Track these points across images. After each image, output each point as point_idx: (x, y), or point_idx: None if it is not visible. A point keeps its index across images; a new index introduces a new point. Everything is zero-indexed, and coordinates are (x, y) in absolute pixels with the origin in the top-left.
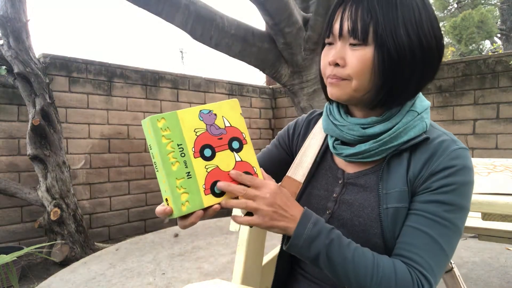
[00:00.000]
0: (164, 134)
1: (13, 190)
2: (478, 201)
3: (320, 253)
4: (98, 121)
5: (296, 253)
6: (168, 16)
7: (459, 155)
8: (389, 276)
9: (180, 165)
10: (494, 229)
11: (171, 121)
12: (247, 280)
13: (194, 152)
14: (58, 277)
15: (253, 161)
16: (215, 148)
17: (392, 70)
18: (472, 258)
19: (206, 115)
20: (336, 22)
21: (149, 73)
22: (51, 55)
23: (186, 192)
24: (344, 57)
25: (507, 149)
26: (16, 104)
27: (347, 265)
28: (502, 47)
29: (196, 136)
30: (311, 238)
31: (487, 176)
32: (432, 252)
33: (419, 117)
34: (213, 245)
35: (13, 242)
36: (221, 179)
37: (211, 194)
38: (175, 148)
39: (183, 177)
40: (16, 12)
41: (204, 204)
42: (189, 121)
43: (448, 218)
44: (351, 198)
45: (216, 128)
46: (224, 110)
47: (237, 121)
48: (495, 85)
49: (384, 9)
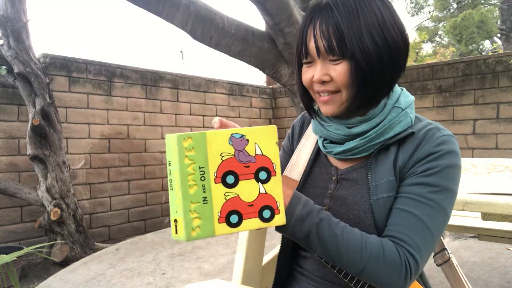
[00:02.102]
0: (188, 155)
1: (13, 190)
2: (478, 201)
3: (310, 232)
4: (98, 121)
5: (288, 233)
6: (168, 16)
7: (444, 141)
8: (378, 252)
9: (198, 188)
10: (494, 229)
11: (197, 142)
12: (247, 280)
13: (216, 177)
14: (58, 277)
15: (278, 195)
16: (239, 175)
17: (364, 78)
18: (472, 258)
19: (238, 139)
20: (310, 42)
21: (149, 73)
22: (51, 55)
23: (199, 218)
24: (328, 73)
25: (507, 149)
26: (16, 104)
27: (337, 242)
28: (502, 47)
29: (221, 160)
30: (301, 217)
31: (487, 176)
32: (418, 231)
33: (404, 113)
34: (213, 245)
35: (13, 242)
36: (240, 209)
37: (225, 223)
38: (197, 170)
39: (199, 202)
40: (16, 12)
41: (215, 233)
42: (218, 144)
43: (433, 199)
44: (345, 193)
45: (245, 155)
46: (258, 136)
47: (270, 150)
48: (495, 85)
49: (347, 21)
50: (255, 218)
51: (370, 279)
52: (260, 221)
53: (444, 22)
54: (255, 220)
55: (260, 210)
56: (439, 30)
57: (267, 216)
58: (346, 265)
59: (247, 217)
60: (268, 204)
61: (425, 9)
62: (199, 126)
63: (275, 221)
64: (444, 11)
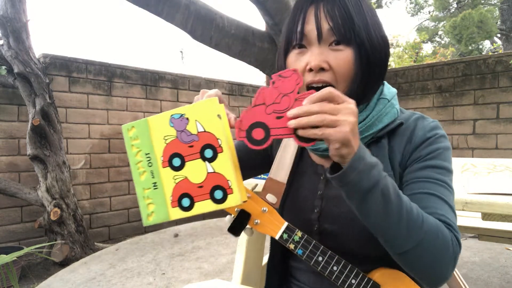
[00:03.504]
0: (134, 144)
1: (13, 190)
2: (478, 201)
3: (378, 183)
4: (98, 121)
5: (353, 178)
6: (168, 16)
7: (435, 126)
8: (434, 224)
9: (147, 174)
10: (494, 229)
11: (140, 129)
12: (247, 280)
13: (162, 161)
14: (58, 277)
15: (229, 173)
16: (185, 157)
17: (368, 70)
18: (472, 258)
19: (177, 120)
20: (308, 24)
21: (149, 73)
22: (51, 55)
23: (152, 203)
24: (327, 61)
25: (507, 149)
26: (16, 104)
27: (401, 203)
28: (502, 47)
29: (165, 144)
30: (371, 165)
31: (487, 176)
32: (448, 209)
33: (390, 104)
34: (213, 245)
35: (13, 242)
36: (190, 191)
37: (178, 207)
38: (143, 157)
39: (150, 188)
40: (16, 12)
41: (169, 217)
42: (159, 128)
43: (443, 180)
44: (338, 193)
45: (187, 135)
46: (198, 113)
47: (213, 125)
48: (495, 85)
49: (355, 9)
50: (207, 200)
51: (424, 254)
52: (213, 203)
53: (444, 22)
54: (207, 202)
55: (212, 191)
56: (439, 30)
57: (219, 196)
58: (404, 234)
59: (199, 199)
60: (218, 183)
61: (425, 9)
62: None
63: (229, 201)
64: (444, 11)
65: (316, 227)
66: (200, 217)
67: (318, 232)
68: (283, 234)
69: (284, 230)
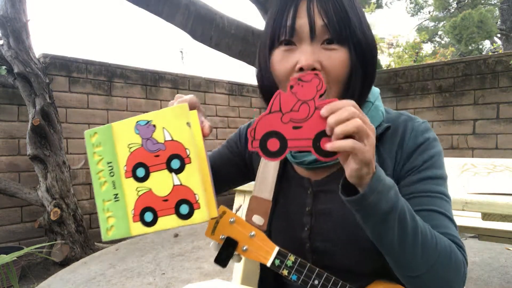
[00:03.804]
0: (96, 151)
1: (13, 190)
2: (478, 201)
3: (395, 205)
4: (98, 121)
5: (371, 201)
6: (168, 16)
7: (425, 129)
8: (447, 245)
9: (108, 185)
10: (494, 229)
11: (104, 135)
12: (247, 280)
13: (126, 171)
14: (58, 277)
15: (196, 187)
16: (150, 167)
17: (361, 72)
18: (472, 258)
19: (143, 126)
20: (300, 19)
21: (149, 73)
22: (51, 55)
23: (113, 216)
24: (320, 61)
25: (507, 149)
26: (16, 104)
27: (417, 226)
28: (502, 47)
29: (129, 152)
30: (389, 186)
31: (487, 176)
32: (453, 227)
33: (374, 106)
34: None
35: (13, 242)
36: (154, 205)
37: (140, 222)
38: (105, 166)
39: (111, 199)
40: (16, 12)
41: (130, 233)
42: (124, 135)
43: (442, 191)
44: (327, 208)
45: (153, 143)
46: (166, 120)
47: (181, 134)
48: (495, 85)
49: (350, 5)
50: (172, 215)
51: (438, 277)
52: (178, 219)
53: (444, 22)
54: (172, 218)
55: (177, 205)
56: (439, 30)
57: (185, 212)
58: (419, 257)
59: (163, 214)
60: (185, 197)
61: (425, 9)
62: None
63: (195, 217)
64: (444, 11)
65: (308, 245)
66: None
67: (311, 250)
68: (275, 260)
69: (276, 255)
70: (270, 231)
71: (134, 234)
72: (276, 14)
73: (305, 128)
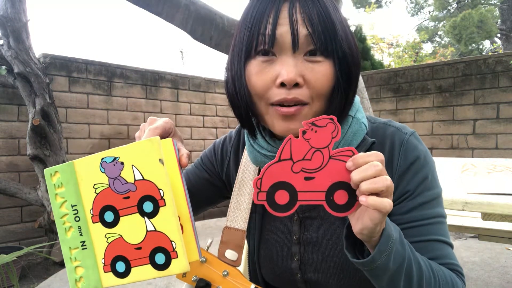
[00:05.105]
0: (58, 192)
1: (13, 190)
2: (478, 201)
3: (403, 261)
4: (98, 121)
5: (382, 262)
6: (168, 16)
7: (415, 143)
8: (450, 280)
9: (74, 231)
10: (494, 229)
11: (65, 175)
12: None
13: (92, 215)
14: (58, 277)
15: (173, 233)
16: (119, 211)
17: (346, 87)
18: (472, 258)
19: (110, 164)
20: (281, 27)
21: (149, 73)
22: (51, 55)
23: (81, 266)
24: (302, 74)
25: (507, 149)
26: (16, 104)
27: (422, 273)
28: (502, 47)
29: (95, 194)
30: (395, 239)
31: (487, 176)
32: (451, 252)
33: (355, 120)
34: (214, 244)
35: (13, 242)
36: (126, 254)
37: (111, 272)
38: (69, 210)
39: (78, 247)
40: (16, 12)
41: (102, 285)
42: (88, 173)
43: (438, 214)
44: (316, 236)
45: (121, 183)
46: (134, 156)
47: (153, 172)
48: (495, 85)
49: (335, 14)
50: (146, 264)
51: None
52: (154, 269)
53: (444, 22)
54: (147, 268)
55: (152, 253)
56: (439, 30)
57: (161, 261)
58: None
59: (136, 263)
60: (160, 245)
61: (425, 9)
62: (199, 126)
63: (173, 268)
64: (444, 11)
65: (299, 276)
66: (200, 217)
67: (303, 281)
68: None
69: None
70: (258, 257)
71: (106, 286)
72: (254, 19)
73: (318, 179)
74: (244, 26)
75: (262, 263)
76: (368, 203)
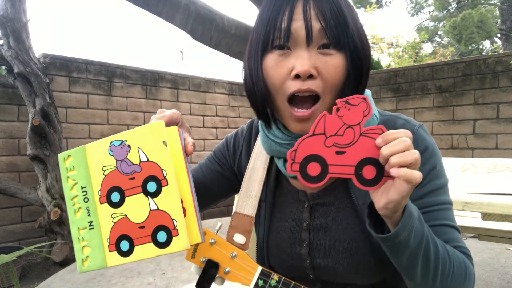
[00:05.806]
0: (70, 175)
1: (13, 190)
2: (478, 201)
3: (421, 238)
4: (98, 121)
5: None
6: (168, 16)
7: (424, 134)
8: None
9: (83, 212)
10: (494, 229)
11: (77, 158)
12: None
13: (100, 196)
14: (58, 277)
15: (174, 211)
16: (125, 191)
17: (357, 79)
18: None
19: (118, 147)
20: (295, 22)
21: (149, 73)
22: (51, 55)
23: (88, 246)
24: (316, 67)
25: (507, 149)
26: (16, 104)
27: (438, 251)
28: (502, 47)
29: (104, 176)
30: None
31: (487, 176)
32: (459, 236)
33: None
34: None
35: (13, 242)
36: (130, 233)
37: (116, 251)
38: (79, 191)
39: (86, 227)
40: (16, 12)
41: (106, 264)
42: (98, 157)
43: (446, 201)
44: (326, 222)
45: (128, 165)
46: (140, 139)
47: (157, 153)
48: (495, 85)
49: (347, 8)
50: (149, 243)
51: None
52: (156, 247)
53: (443, 22)
54: (149, 246)
55: (154, 232)
56: (439, 30)
57: (162, 239)
58: (438, 278)
59: (139, 242)
60: (162, 223)
61: (425, 9)
62: (199, 126)
63: (174, 245)
64: (444, 11)
65: (308, 262)
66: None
67: (312, 267)
68: (258, 281)
69: (259, 276)
70: (267, 245)
71: (110, 265)
72: (270, 16)
73: (348, 154)
74: (261, 23)
75: (270, 250)
76: (399, 173)
